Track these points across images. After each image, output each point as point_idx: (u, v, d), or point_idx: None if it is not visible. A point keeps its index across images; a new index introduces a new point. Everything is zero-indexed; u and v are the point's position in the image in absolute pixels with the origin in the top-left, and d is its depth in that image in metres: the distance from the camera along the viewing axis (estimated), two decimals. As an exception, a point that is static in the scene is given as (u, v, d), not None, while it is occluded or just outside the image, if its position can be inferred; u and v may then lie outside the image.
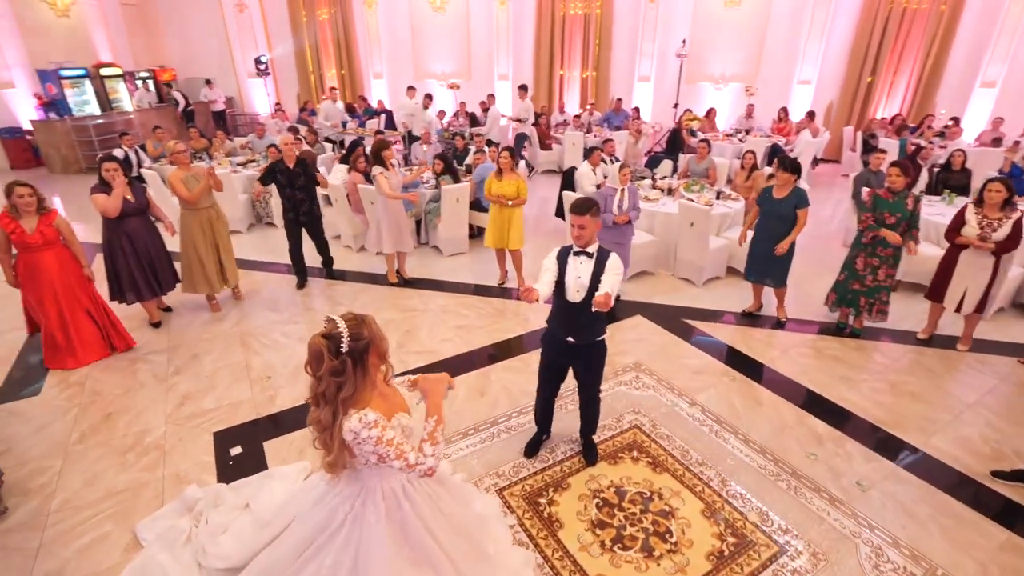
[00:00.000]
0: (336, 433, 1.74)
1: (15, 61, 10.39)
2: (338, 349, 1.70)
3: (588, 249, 2.76)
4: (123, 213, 4.21)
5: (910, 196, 4.12)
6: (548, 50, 11.81)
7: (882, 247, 4.22)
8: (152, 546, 2.60)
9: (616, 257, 2.79)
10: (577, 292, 2.77)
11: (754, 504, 2.93)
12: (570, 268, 2.78)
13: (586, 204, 2.74)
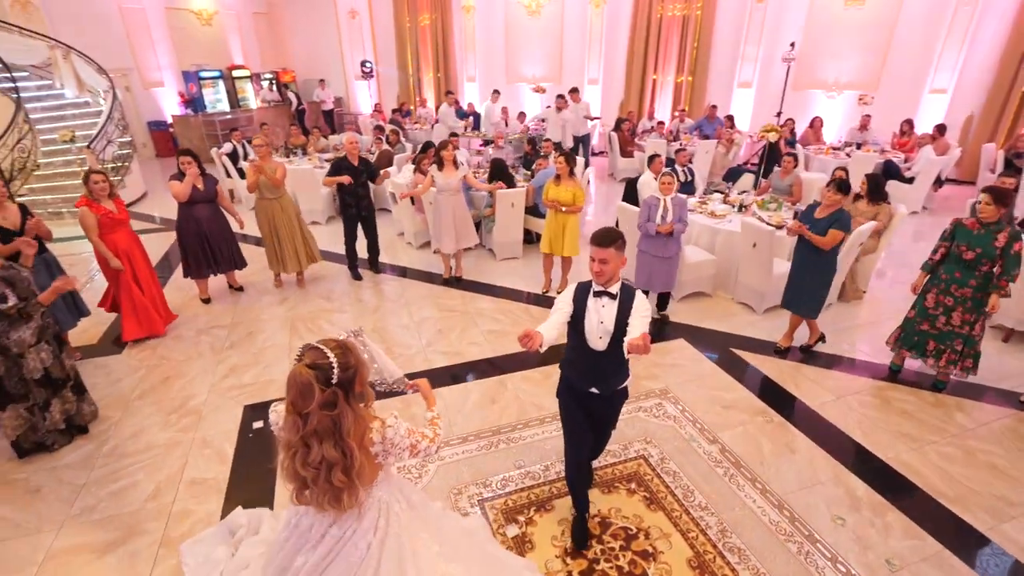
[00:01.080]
0: (354, 465, 1.60)
1: (166, 64, 12.07)
2: (328, 380, 1.54)
3: (610, 289, 2.36)
4: (192, 200, 4.76)
5: (1005, 231, 3.44)
6: (642, 53, 11.43)
7: (958, 286, 3.59)
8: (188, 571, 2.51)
9: (642, 297, 2.39)
10: (600, 339, 2.38)
11: (752, 562, 2.63)
12: (590, 312, 2.38)
13: (609, 235, 2.34)
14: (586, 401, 2.59)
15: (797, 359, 4.38)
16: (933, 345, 3.81)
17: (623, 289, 2.38)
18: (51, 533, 2.86)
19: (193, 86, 12.42)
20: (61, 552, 2.75)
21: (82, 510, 3.01)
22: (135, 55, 11.54)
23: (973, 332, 3.65)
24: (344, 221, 5.60)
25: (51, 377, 3.29)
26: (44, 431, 3.29)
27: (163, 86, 12.16)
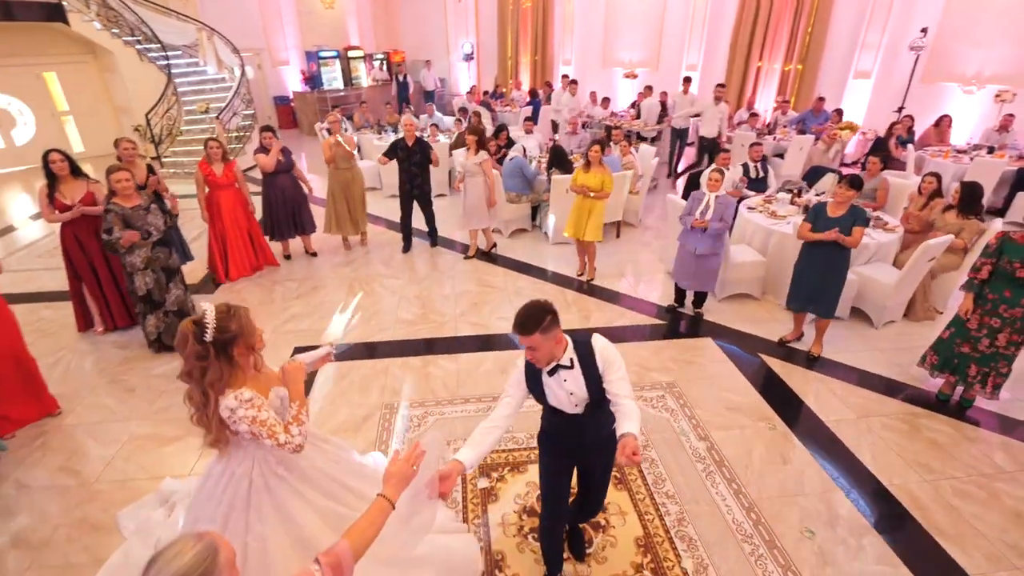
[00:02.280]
0: (213, 412, 1.83)
1: (292, 44, 13.46)
2: (201, 336, 1.78)
3: (563, 361, 2.01)
4: (275, 170, 5.47)
5: None
6: (747, 39, 10.74)
7: (1008, 306, 3.24)
8: (132, 538, 2.68)
9: (606, 345, 2.04)
10: (576, 406, 2.07)
11: (699, 553, 2.70)
12: (552, 388, 2.06)
13: (531, 320, 1.91)
14: (569, 455, 2.28)
15: (829, 373, 4.15)
16: (976, 370, 3.47)
17: (578, 350, 2.02)
18: (135, 422, 3.65)
19: (313, 65, 13.73)
20: (138, 437, 3.51)
21: (159, 409, 3.78)
22: (267, 36, 13.02)
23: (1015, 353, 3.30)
24: (400, 198, 6.10)
25: (152, 298, 4.13)
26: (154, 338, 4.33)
27: (288, 64, 13.61)
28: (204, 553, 1.12)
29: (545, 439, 2.30)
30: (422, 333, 4.71)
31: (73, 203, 4.24)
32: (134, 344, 4.55)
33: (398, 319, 4.94)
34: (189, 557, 1.11)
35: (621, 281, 5.66)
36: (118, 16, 9.83)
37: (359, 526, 1.48)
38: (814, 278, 4.07)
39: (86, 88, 11.29)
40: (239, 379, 1.87)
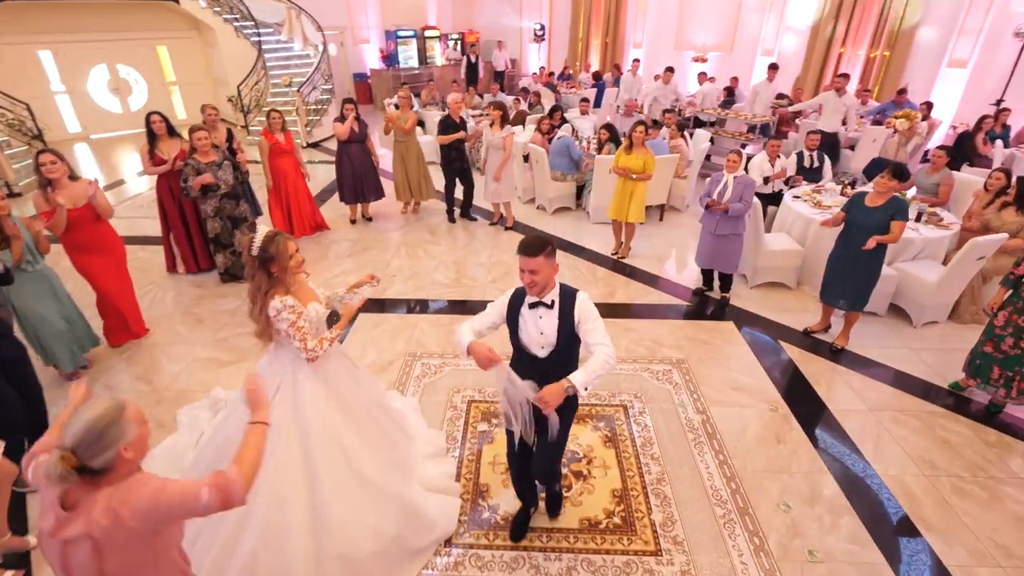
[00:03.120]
0: (260, 310, 2.28)
1: (373, 24, 14.13)
2: (250, 251, 2.25)
3: (545, 299, 2.18)
4: (349, 139, 5.96)
5: None
6: (831, 23, 10.09)
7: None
8: (182, 429, 3.26)
9: (586, 300, 2.20)
10: (542, 348, 2.23)
11: (670, 511, 2.86)
12: (526, 322, 2.22)
13: (537, 243, 2.09)
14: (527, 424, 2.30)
15: (850, 366, 4.07)
16: (998, 372, 3.33)
17: (562, 296, 2.19)
18: (199, 347, 4.26)
19: (391, 44, 14.37)
20: (200, 359, 4.11)
21: (220, 339, 4.37)
22: (350, 16, 13.75)
23: None
24: (444, 172, 6.44)
25: (220, 240, 4.80)
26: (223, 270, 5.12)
27: (368, 43, 14.31)
28: (112, 406, 1.40)
29: (509, 396, 2.24)
30: (452, 295, 5.05)
31: (169, 159, 4.91)
32: (209, 283, 5.22)
33: (434, 281, 5.31)
34: (100, 409, 1.38)
35: (654, 262, 5.72)
36: (220, -5, 10.80)
37: (243, 455, 1.59)
38: (847, 269, 3.97)
39: (190, 61, 12.51)
40: (282, 290, 2.29)
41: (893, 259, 4.70)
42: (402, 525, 2.51)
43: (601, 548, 2.66)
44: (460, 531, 2.74)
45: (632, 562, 2.59)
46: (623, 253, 5.73)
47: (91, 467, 1.37)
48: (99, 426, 1.36)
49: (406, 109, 6.38)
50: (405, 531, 2.52)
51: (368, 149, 6.27)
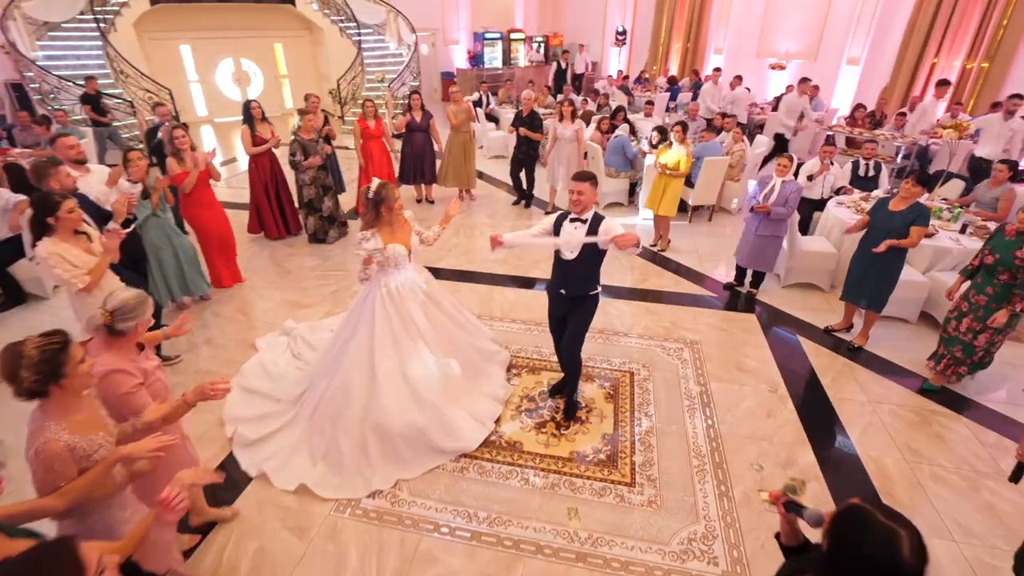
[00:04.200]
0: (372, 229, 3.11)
1: (463, 26, 15.10)
2: (367, 195, 3.11)
3: (583, 216, 3.04)
4: (411, 128, 6.74)
5: None
6: (925, 31, 9.66)
7: (976, 291, 3.29)
8: (263, 351, 4.11)
9: (610, 221, 3.04)
10: (571, 252, 3.08)
11: (651, 456, 3.28)
12: (565, 232, 3.08)
13: (585, 174, 3.07)
14: (561, 301, 3.31)
15: (863, 363, 4.22)
16: (942, 348, 3.70)
17: (594, 217, 3.06)
18: (284, 291, 5.16)
19: (478, 45, 15.27)
20: (284, 302, 4.99)
21: (301, 288, 5.25)
22: (443, 18, 14.78)
23: (975, 342, 3.44)
24: (512, 162, 7.05)
25: (313, 205, 5.75)
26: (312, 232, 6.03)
27: (457, 44, 15.30)
28: (141, 296, 2.03)
29: (549, 287, 3.40)
30: (500, 270, 5.66)
31: (265, 140, 5.89)
32: (297, 244, 6.19)
33: (485, 258, 5.94)
34: (132, 294, 2.01)
35: (692, 257, 6.01)
36: (330, -1, 12.14)
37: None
38: (866, 270, 4.14)
39: (300, 57, 14.06)
40: (385, 228, 3.10)
41: (929, 268, 4.73)
42: (431, 426, 3.17)
43: (583, 474, 3.14)
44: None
45: (608, 488, 3.05)
46: (662, 246, 6.07)
47: (116, 328, 1.98)
48: (131, 303, 2.00)
49: (458, 103, 7.08)
50: (432, 431, 3.17)
51: (431, 137, 7.02)
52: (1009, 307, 3.30)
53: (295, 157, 5.58)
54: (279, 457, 3.17)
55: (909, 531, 1.17)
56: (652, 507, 2.94)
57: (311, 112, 5.91)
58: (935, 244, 4.68)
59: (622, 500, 2.98)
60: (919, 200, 3.89)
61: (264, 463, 3.12)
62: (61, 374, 1.58)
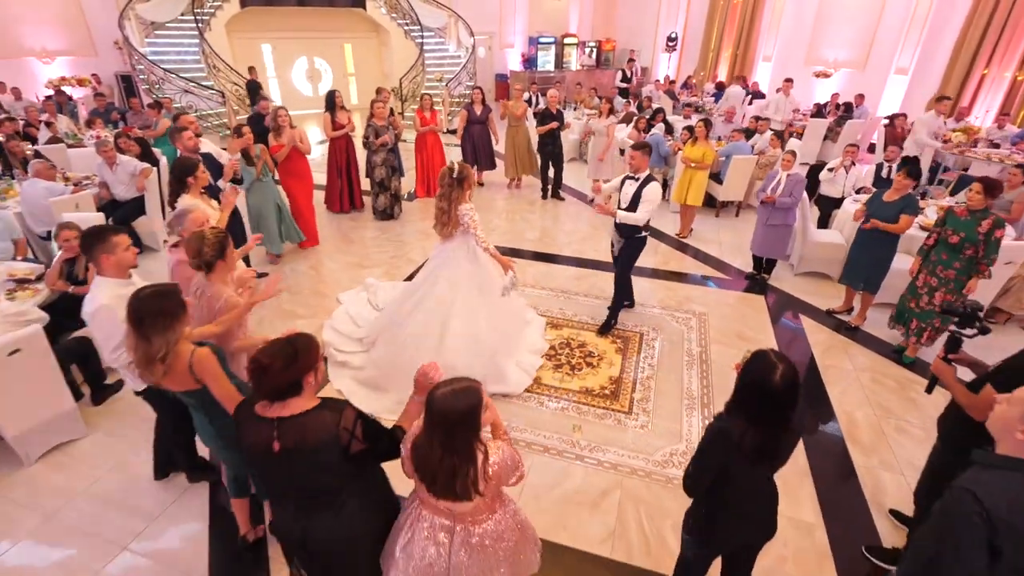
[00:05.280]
0: (452, 214, 3.64)
1: (519, 30, 15.91)
2: (450, 175, 3.66)
3: (637, 176, 4.16)
4: (471, 121, 7.53)
5: (989, 218, 3.52)
6: (976, 41, 9.67)
7: (943, 267, 3.70)
8: (345, 303, 4.84)
9: (655, 187, 4.08)
10: (623, 204, 4.21)
11: (649, 394, 3.89)
12: (626, 188, 4.23)
13: (641, 144, 4.24)
14: (617, 238, 4.43)
15: (857, 340, 4.65)
16: (916, 324, 4.07)
17: (646, 178, 4.13)
18: (349, 256, 6.04)
19: (533, 48, 16.03)
20: (350, 263, 5.87)
21: (364, 255, 6.11)
22: (500, 23, 15.63)
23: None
24: (540, 155, 7.75)
25: (383, 184, 6.65)
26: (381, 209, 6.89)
27: (512, 47, 16.12)
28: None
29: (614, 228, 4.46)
30: (534, 247, 6.35)
31: (343, 125, 6.81)
32: (361, 218, 7.11)
33: (523, 237, 6.65)
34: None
35: (714, 246, 6.51)
36: (397, 4, 13.20)
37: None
38: (862, 256, 4.59)
39: (367, 57, 15.24)
40: (463, 199, 3.70)
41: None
42: (486, 372, 3.76)
43: (590, 403, 3.79)
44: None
45: (608, 413, 3.69)
46: (685, 233, 6.60)
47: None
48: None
49: (519, 99, 7.82)
50: (488, 376, 3.79)
51: (489, 130, 7.79)
52: (978, 275, 3.73)
53: (368, 140, 6.52)
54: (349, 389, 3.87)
55: (785, 364, 1.77)
56: (644, 429, 3.56)
57: (382, 101, 6.80)
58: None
59: (619, 423, 3.61)
60: (910, 192, 4.32)
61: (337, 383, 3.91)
62: (224, 255, 2.40)
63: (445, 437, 1.61)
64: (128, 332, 1.95)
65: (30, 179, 5.15)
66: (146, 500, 3.06)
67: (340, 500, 1.83)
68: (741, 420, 1.84)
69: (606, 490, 3.12)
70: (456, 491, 1.65)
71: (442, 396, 1.61)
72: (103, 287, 2.34)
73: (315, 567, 2.01)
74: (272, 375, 1.66)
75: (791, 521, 2.92)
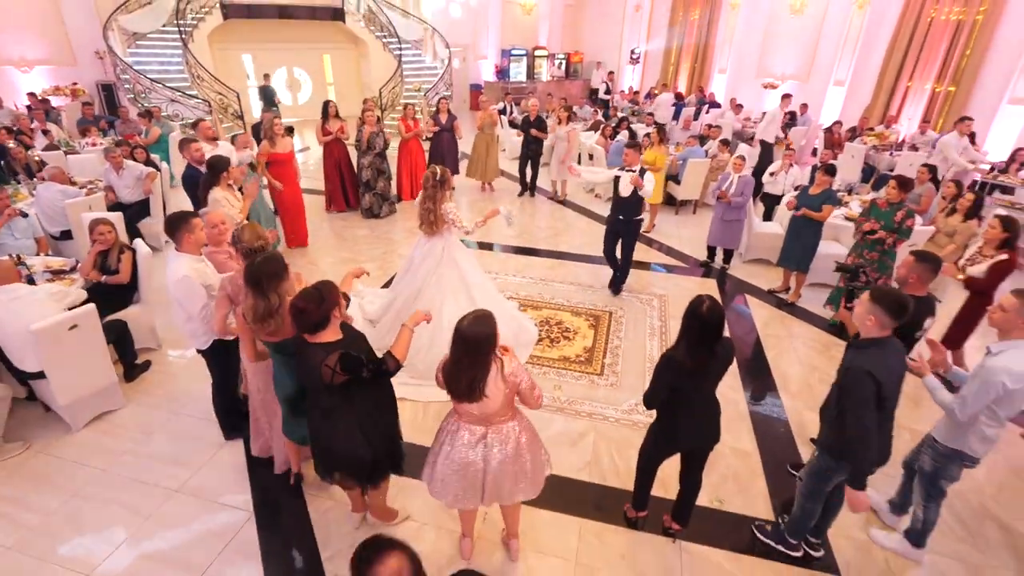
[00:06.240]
0: (437, 211, 4.22)
1: (492, 43, 16.65)
2: (434, 178, 4.23)
3: (632, 169, 5.00)
4: (441, 129, 8.17)
5: (903, 209, 4.31)
6: (901, 57, 10.80)
7: (868, 250, 4.45)
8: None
9: (650, 174, 4.99)
10: (625, 189, 5.03)
11: (617, 359, 4.56)
12: (624, 178, 5.02)
13: (633, 143, 5.31)
14: (616, 222, 5.32)
15: (793, 313, 5.44)
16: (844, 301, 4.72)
17: (640, 170, 4.98)
18: (341, 253, 6.56)
19: (505, 60, 16.78)
20: (343, 260, 6.39)
21: (356, 253, 6.65)
22: (474, 35, 16.34)
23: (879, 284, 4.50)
24: (521, 156, 8.45)
25: (370, 185, 7.18)
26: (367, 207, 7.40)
27: (486, 59, 16.84)
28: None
29: (610, 215, 5.40)
30: (512, 242, 7.00)
31: (332, 132, 7.34)
32: (352, 218, 7.63)
33: (502, 233, 7.29)
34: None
35: (675, 239, 7.28)
36: (375, 17, 13.77)
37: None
38: (795, 242, 5.39)
39: (346, 68, 15.72)
40: (445, 199, 4.28)
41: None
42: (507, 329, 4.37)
43: (568, 368, 4.43)
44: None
45: (583, 376, 4.34)
46: (648, 228, 7.34)
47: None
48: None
49: (487, 109, 8.52)
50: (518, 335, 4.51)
51: (454, 137, 8.44)
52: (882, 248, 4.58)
53: (360, 143, 7.13)
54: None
55: (711, 301, 2.43)
56: (613, 387, 4.22)
57: (370, 110, 7.36)
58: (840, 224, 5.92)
59: (592, 383, 4.27)
60: (829, 187, 5.13)
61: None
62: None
63: (472, 354, 2.21)
64: (247, 294, 2.49)
65: (46, 183, 5.53)
66: (187, 454, 3.54)
67: (336, 417, 2.41)
68: (683, 349, 2.49)
69: (583, 432, 3.76)
70: (476, 394, 2.24)
71: (468, 324, 2.21)
72: (183, 260, 2.87)
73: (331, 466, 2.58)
74: (308, 314, 2.23)
75: (733, 450, 3.62)
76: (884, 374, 2.28)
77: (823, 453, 2.66)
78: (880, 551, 2.98)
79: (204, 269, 2.99)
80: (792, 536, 2.88)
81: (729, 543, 3.00)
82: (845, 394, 2.36)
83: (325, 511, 3.12)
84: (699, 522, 3.04)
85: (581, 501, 3.21)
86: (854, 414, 2.29)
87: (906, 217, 4.40)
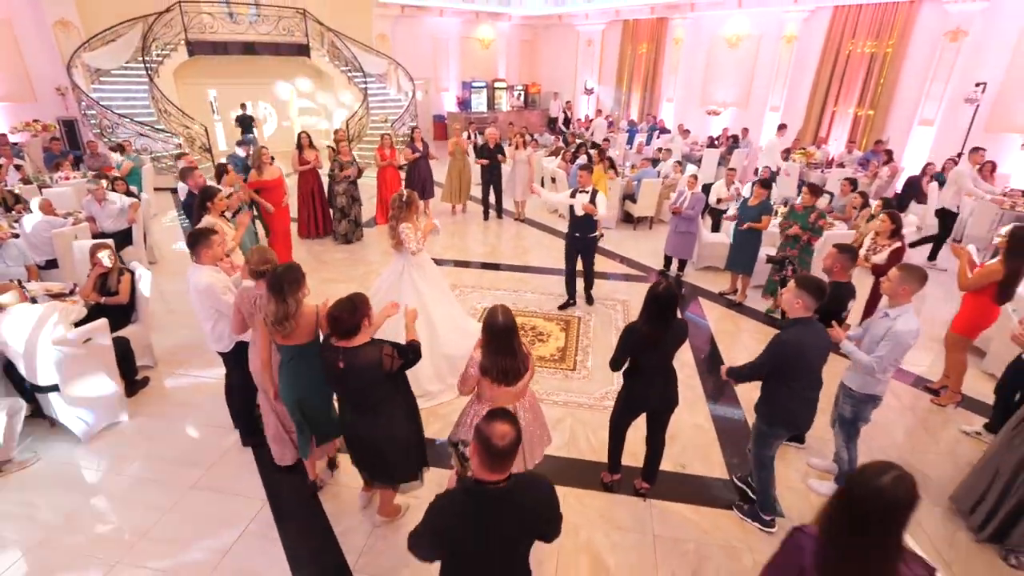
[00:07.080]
0: (397, 227, 4.61)
1: (453, 76, 17.42)
2: (400, 199, 4.58)
3: (587, 189, 5.43)
4: (422, 156, 8.67)
5: (815, 212, 5.14)
6: (825, 85, 12.07)
7: (789, 247, 5.24)
8: None
9: (602, 195, 5.49)
10: (580, 211, 5.44)
11: (588, 356, 5.05)
12: (578, 198, 5.45)
13: (587, 166, 5.73)
14: (575, 240, 5.73)
15: (741, 312, 6.09)
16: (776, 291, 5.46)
17: (593, 191, 5.41)
18: (321, 274, 6.89)
19: (467, 92, 17.54)
20: (324, 279, 6.72)
21: (337, 271, 6.98)
22: (435, 69, 17.08)
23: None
24: (483, 182, 9.04)
25: (344, 211, 7.55)
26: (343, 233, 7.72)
27: (448, 91, 17.57)
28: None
29: (568, 234, 5.83)
30: (482, 259, 7.49)
31: (309, 162, 7.73)
32: (327, 243, 7.98)
33: (472, 251, 7.78)
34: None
35: (634, 252, 7.93)
36: (340, 52, 14.30)
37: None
38: (739, 249, 6.07)
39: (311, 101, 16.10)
40: (411, 219, 4.61)
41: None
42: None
43: (544, 365, 4.89)
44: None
45: (559, 372, 4.80)
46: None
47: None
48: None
49: (457, 137, 9.12)
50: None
51: (429, 164, 8.96)
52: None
53: (334, 171, 7.47)
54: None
55: (667, 284, 2.96)
56: (585, 380, 4.69)
57: (341, 140, 7.80)
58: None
59: (567, 377, 4.73)
60: (766, 199, 5.85)
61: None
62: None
63: (507, 343, 2.65)
64: (268, 298, 2.83)
65: (34, 214, 5.70)
66: (198, 457, 3.80)
67: (382, 407, 2.79)
68: (643, 320, 3.00)
69: (561, 418, 4.20)
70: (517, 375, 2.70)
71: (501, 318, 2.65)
72: (203, 271, 3.21)
73: (363, 455, 2.95)
74: (342, 322, 2.63)
75: (691, 425, 4.14)
76: (805, 346, 2.82)
77: (758, 419, 3.17)
78: (817, 497, 3.51)
79: (221, 277, 3.34)
80: (764, 511, 3.24)
81: (692, 499, 3.47)
82: (763, 352, 2.91)
83: (335, 493, 3.45)
84: (665, 483, 3.51)
85: (563, 473, 3.63)
86: (759, 361, 2.92)
87: (818, 218, 5.15)
